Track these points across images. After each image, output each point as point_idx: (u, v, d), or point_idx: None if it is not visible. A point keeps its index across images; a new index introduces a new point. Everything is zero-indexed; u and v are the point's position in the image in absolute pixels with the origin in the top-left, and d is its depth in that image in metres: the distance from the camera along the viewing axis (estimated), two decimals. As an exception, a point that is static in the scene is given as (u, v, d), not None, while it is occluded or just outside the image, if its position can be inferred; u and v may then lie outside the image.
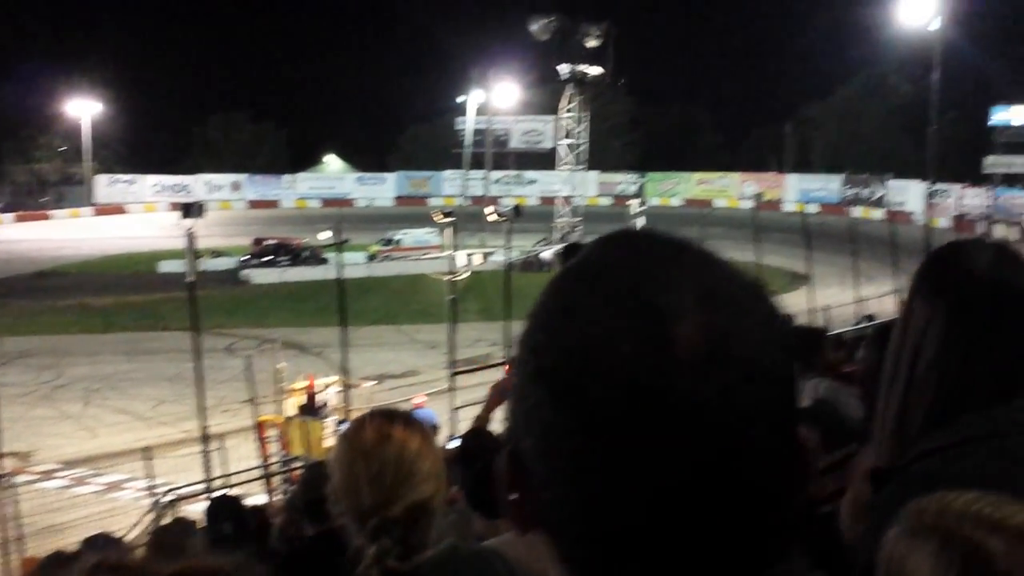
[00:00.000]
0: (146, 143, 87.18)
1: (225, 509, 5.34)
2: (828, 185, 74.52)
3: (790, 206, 68.34)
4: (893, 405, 1.65)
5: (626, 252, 0.81)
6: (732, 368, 0.75)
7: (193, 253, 21.70)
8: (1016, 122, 65.16)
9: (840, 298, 31.41)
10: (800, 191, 73.45)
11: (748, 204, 62.04)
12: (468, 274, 34.17)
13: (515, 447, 0.82)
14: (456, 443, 5.27)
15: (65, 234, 66.21)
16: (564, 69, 47.09)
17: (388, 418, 2.09)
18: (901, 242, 31.56)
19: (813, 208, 52.16)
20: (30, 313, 38.52)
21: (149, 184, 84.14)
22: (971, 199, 59.65)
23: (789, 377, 0.80)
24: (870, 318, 17.13)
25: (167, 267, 46.64)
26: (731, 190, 78.30)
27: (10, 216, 75.47)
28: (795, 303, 30.17)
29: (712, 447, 0.74)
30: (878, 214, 59.40)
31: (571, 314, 0.78)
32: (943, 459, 1.50)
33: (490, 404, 4.96)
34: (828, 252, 46.43)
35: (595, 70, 47.53)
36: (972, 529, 1.03)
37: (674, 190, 79.69)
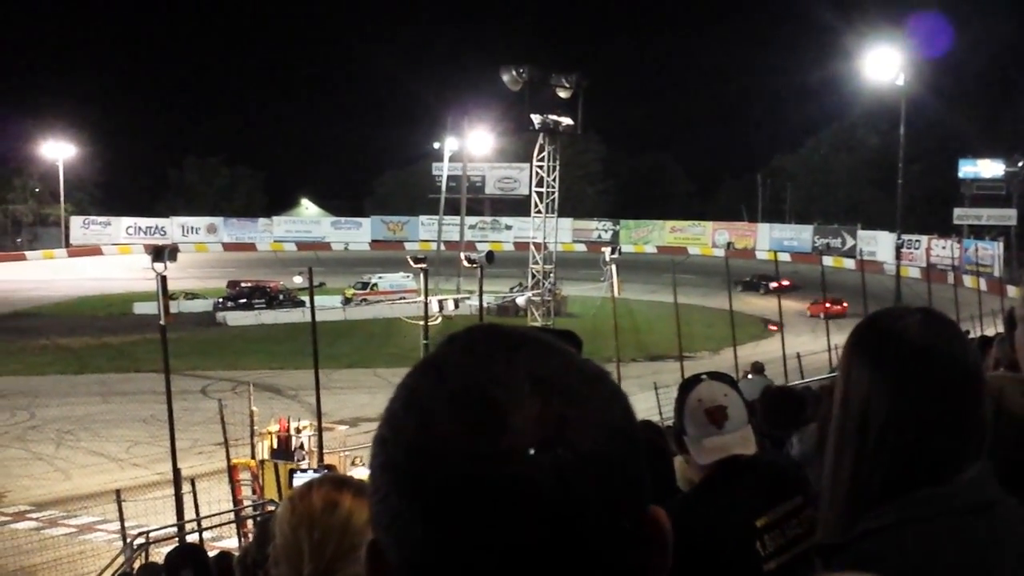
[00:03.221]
0: (121, 185, 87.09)
1: (185, 558, 5.48)
2: (800, 235, 75.44)
3: (762, 255, 69.11)
4: (843, 480, 1.62)
5: (467, 347, 0.84)
6: (566, 454, 0.76)
7: (165, 295, 21.76)
8: (984, 175, 66.47)
9: (812, 346, 31.81)
10: (772, 240, 74.29)
11: (721, 252, 62.72)
12: (441, 319, 34.35)
13: (374, 538, 0.85)
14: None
15: (40, 275, 65.92)
16: (536, 119, 47.61)
17: (337, 485, 2.03)
18: (873, 290, 32.06)
19: (785, 257, 52.75)
20: (4, 353, 38.38)
21: (124, 226, 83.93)
22: (939, 250, 60.53)
23: (632, 460, 0.81)
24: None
25: (141, 308, 46.57)
26: (704, 238, 79.11)
27: (-16, 256, 75.16)
28: (769, 350, 30.59)
29: (550, 532, 0.76)
30: (850, 263, 60.08)
31: (414, 409, 0.81)
32: (878, 541, 1.52)
33: None
34: (800, 300, 46.98)
35: (566, 120, 48.08)
36: None
37: (648, 237, 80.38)
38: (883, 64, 60.63)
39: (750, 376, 17.43)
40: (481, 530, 0.75)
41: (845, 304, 43.71)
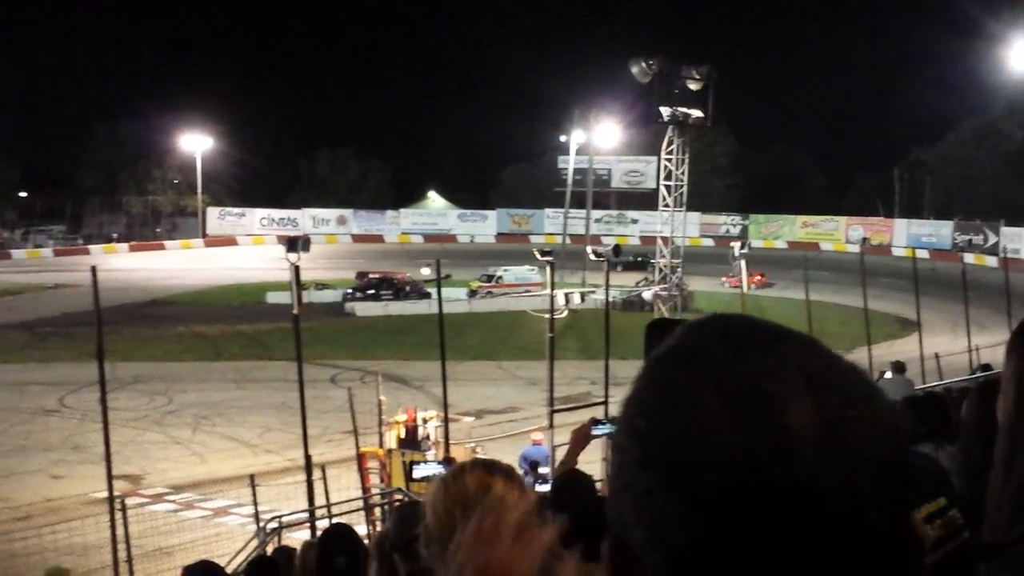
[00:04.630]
0: (255, 177, 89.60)
1: (341, 542, 5.37)
2: (939, 231, 72.78)
3: (899, 251, 66.91)
4: (1015, 481, 1.55)
5: (725, 337, 0.80)
6: (849, 454, 0.74)
7: (298, 286, 22.13)
8: None
9: (951, 346, 30.57)
10: (909, 236, 71.89)
11: (855, 248, 60.96)
12: (567, 312, 34.18)
13: (620, 535, 0.81)
14: (549, 486, 5.30)
15: (178, 264, 68.31)
16: (665, 112, 46.98)
17: (488, 469, 2.10)
18: (1017, 290, 30.62)
19: (923, 254, 50.94)
20: (143, 340, 39.76)
21: (258, 217, 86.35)
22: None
23: (902, 463, 0.78)
24: (985, 368, 16.52)
25: (274, 298, 47.76)
26: (837, 234, 76.99)
27: (125, 246, 78.25)
28: (905, 350, 29.50)
29: (830, 534, 0.73)
30: (992, 261, 57.74)
31: (675, 401, 0.77)
32: None
33: (574, 448, 5.01)
34: (938, 298, 45.31)
35: (696, 112, 47.34)
36: None
37: (778, 232, 78.67)
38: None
39: (888, 375, 16.76)
40: (758, 531, 0.73)
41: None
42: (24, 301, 52.38)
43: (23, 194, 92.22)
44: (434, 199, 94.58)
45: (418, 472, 17.89)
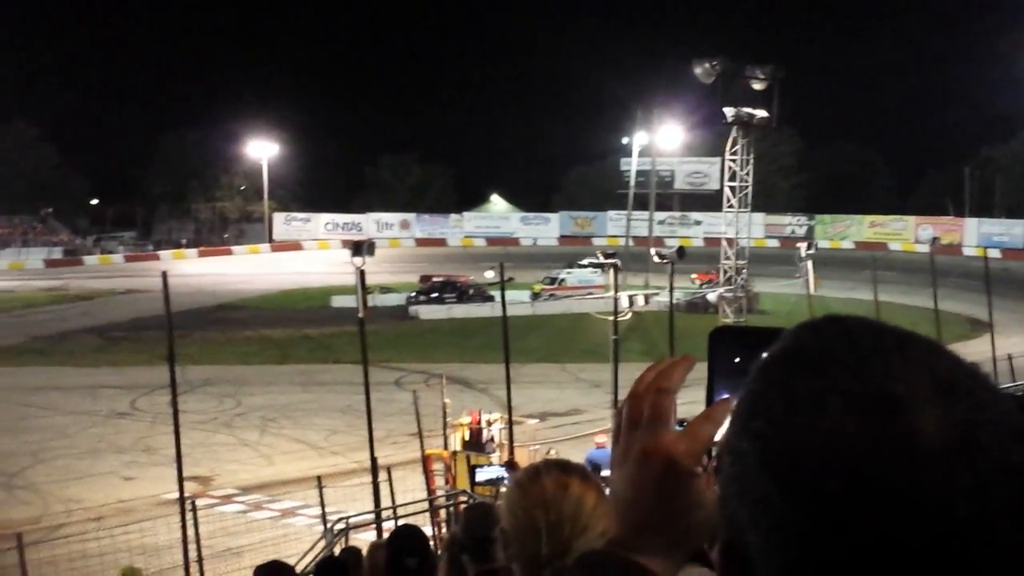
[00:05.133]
0: (320, 183, 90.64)
1: (411, 543, 5.39)
2: (1010, 230, 71.20)
3: (969, 251, 65.59)
4: None
5: (847, 340, 0.78)
6: (979, 459, 0.71)
7: (364, 289, 22.32)
8: None
9: (1024, 347, 29.91)
10: (980, 235, 70.44)
11: (924, 248, 59.89)
12: (631, 314, 34.06)
13: (732, 539, 0.79)
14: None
15: (245, 269, 69.32)
16: (729, 112, 46.53)
17: (564, 470, 2.12)
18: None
19: (995, 253, 49.84)
20: (212, 344, 40.36)
21: (322, 222, 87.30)
22: None
23: None
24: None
25: (339, 302, 48.18)
26: (906, 233, 75.70)
27: (194, 252, 79.61)
28: (977, 351, 28.91)
29: (960, 543, 0.71)
30: (1067, 261, 56.39)
31: (798, 404, 0.75)
32: None
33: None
34: (1011, 299, 44.36)
35: (760, 113, 46.82)
36: None
37: (845, 232, 77.58)
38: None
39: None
40: (883, 539, 0.71)
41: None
42: (96, 306, 53.53)
43: (95, 202, 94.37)
44: (497, 202, 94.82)
45: (481, 475, 17.92)
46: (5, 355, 39.31)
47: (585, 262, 55.48)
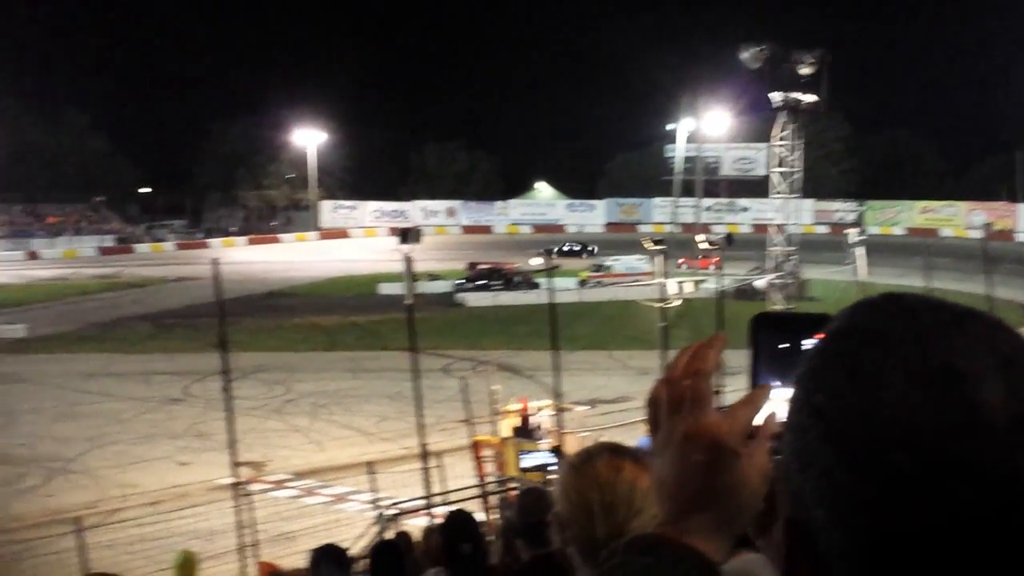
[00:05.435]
0: (366, 171, 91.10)
1: (465, 528, 5.44)
2: (1066, 215, 70.06)
3: (1023, 237, 64.51)
4: None
5: (908, 316, 0.79)
6: None
7: (411, 277, 22.41)
8: None
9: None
10: (1034, 220, 69.35)
11: (976, 234, 59.06)
12: (679, 301, 33.89)
13: (796, 516, 0.80)
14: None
15: (293, 256, 69.87)
16: (776, 97, 46.04)
17: (617, 452, 2.12)
18: None
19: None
20: (263, 331, 40.73)
21: (369, 210, 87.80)
22: None
23: None
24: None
25: (386, 289, 48.48)
26: (957, 219, 74.68)
27: (243, 239, 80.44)
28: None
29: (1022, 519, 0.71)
30: (1123, 246, 55.29)
31: (859, 379, 0.76)
32: None
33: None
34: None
35: (809, 98, 46.30)
36: None
37: (895, 218, 76.69)
38: None
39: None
40: (948, 509, 0.71)
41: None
42: (149, 294, 54.28)
43: (146, 190, 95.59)
44: (542, 189, 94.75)
45: (525, 461, 17.96)
46: (61, 342, 40.02)
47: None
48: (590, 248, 66.40)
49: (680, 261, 52.49)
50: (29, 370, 34.20)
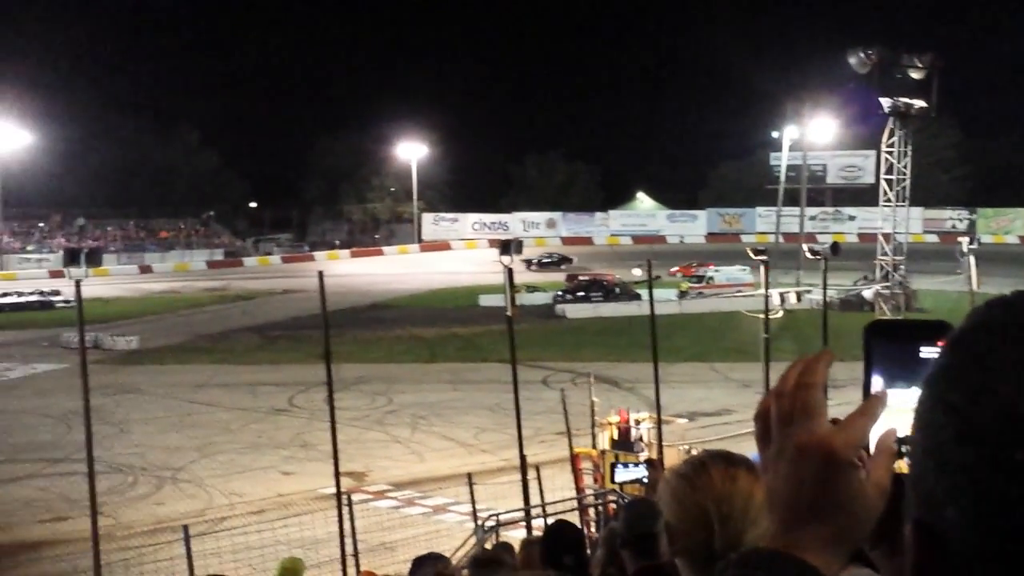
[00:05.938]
0: (467, 183, 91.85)
1: (568, 540, 5.39)
2: None
3: None
4: None
5: None
6: None
7: (511, 288, 22.41)
8: None
9: None
10: None
11: (1096, 242, 56.83)
12: (782, 312, 33.29)
13: (925, 517, 0.78)
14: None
15: (395, 269, 70.79)
16: (885, 103, 45.00)
17: (730, 461, 2.09)
18: None
19: None
20: (365, 342, 41.29)
21: (470, 222, 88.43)
22: None
23: None
24: None
25: (486, 301, 48.72)
26: (1076, 227, 72.01)
27: (347, 252, 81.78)
28: None
29: None
30: None
31: (993, 375, 0.74)
32: None
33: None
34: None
35: (918, 103, 45.13)
36: None
37: (1009, 227, 74.21)
38: None
39: None
40: None
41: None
42: (256, 306, 55.57)
43: (253, 205, 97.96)
44: (643, 200, 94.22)
45: (620, 475, 17.77)
46: (172, 353, 41.20)
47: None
48: (570, 259, 68.87)
49: (675, 270, 52.36)
50: (142, 381, 35.29)
